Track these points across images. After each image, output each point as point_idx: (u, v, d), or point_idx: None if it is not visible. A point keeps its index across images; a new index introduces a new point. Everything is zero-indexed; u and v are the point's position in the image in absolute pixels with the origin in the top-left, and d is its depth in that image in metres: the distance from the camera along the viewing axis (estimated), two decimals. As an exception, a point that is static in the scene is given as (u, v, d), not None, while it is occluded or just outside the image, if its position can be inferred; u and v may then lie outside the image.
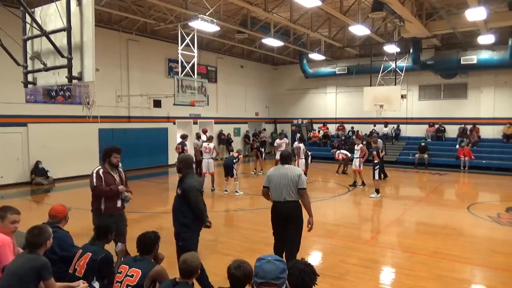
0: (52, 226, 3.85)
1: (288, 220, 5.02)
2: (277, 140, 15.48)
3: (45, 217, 4.29)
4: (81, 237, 4.86)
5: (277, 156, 15.03)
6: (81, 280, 3.46)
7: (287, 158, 5.20)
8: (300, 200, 4.97)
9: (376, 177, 10.86)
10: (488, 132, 19.08)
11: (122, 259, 4.12)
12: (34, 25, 4.35)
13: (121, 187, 5.15)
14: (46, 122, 13.81)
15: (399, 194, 12.95)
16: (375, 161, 10.92)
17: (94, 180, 5.03)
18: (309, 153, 14.30)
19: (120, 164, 5.36)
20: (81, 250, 3.68)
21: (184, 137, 12.87)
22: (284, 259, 3.74)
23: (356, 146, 12.93)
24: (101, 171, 5.08)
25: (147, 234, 3.54)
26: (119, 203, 5.22)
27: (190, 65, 14.62)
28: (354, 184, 12.69)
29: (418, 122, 20.85)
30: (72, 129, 14.30)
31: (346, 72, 21.83)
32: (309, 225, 5.01)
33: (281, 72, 25.76)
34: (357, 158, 12.45)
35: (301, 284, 2.42)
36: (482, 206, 10.33)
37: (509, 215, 9.19)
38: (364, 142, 18.32)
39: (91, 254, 3.60)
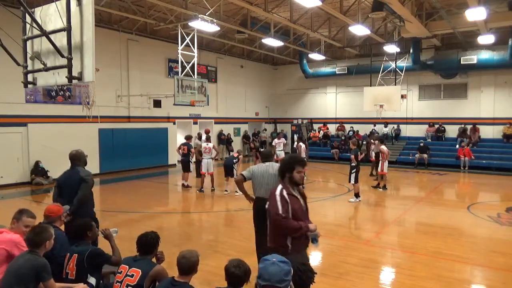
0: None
1: None
2: (275, 140, 15.49)
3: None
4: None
5: (275, 156, 15.04)
6: (82, 283, 3.47)
7: (268, 156, 5.49)
8: None
9: (352, 181, 10.44)
10: (488, 132, 19.07)
11: (114, 232, 4.15)
12: (34, 25, 4.36)
13: (312, 226, 3.63)
14: (46, 122, 13.81)
15: (399, 194, 12.95)
16: (352, 164, 10.47)
17: (280, 206, 3.51)
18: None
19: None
20: (68, 254, 3.69)
21: (188, 138, 12.90)
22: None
23: (373, 147, 12.67)
24: (285, 192, 3.60)
25: (148, 234, 3.55)
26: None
27: (190, 65, 14.62)
28: (378, 186, 12.42)
29: (418, 122, 20.85)
30: (72, 129, 14.28)
31: (346, 72, 21.83)
32: None
33: (281, 72, 25.76)
34: (379, 160, 12.19)
35: (300, 283, 2.41)
36: (482, 206, 10.32)
37: (509, 215, 9.19)
38: (364, 142, 18.30)
39: (77, 254, 3.61)
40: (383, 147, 12.20)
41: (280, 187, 3.62)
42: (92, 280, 3.59)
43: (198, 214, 9.84)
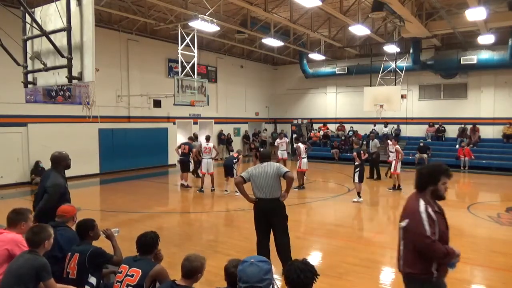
0: (61, 226, 3.96)
1: (271, 217, 5.22)
2: (277, 140, 15.52)
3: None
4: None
5: (279, 155, 15.03)
6: None
7: (267, 156, 5.51)
8: (287, 181, 5.22)
9: (356, 180, 10.43)
10: (488, 132, 19.07)
11: (116, 232, 4.14)
12: (34, 25, 4.36)
13: (457, 251, 3.21)
14: (46, 122, 13.81)
15: (399, 194, 12.93)
16: (356, 163, 10.49)
17: (427, 227, 3.01)
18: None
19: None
20: (69, 254, 3.69)
21: (191, 138, 12.93)
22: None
23: (390, 147, 12.71)
24: (430, 210, 3.12)
25: (148, 234, 3.54)
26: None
27: (190, 65, 14.61)
28: (394, 187, 12.35)
29: (418, 122, 20.84)
30: (72, 129, 14.28)
31: (346, 72, 21.83)
32: (283, 198, 5.27)
33: (281, 72, 25.75)
34: (393, 160, 12.15)
35: (297, 282, 2.40)
36: (482, 206, 10.33)
37: (509, 215, 9.19)
38: (365, 142, 18.28)
39: (78, 254, 3.61)
40: (398, 147, 12.16)
41: (423, 202, 3.13)
42: (93, 280, 3.59)
43: (198, 214, 9.84)
